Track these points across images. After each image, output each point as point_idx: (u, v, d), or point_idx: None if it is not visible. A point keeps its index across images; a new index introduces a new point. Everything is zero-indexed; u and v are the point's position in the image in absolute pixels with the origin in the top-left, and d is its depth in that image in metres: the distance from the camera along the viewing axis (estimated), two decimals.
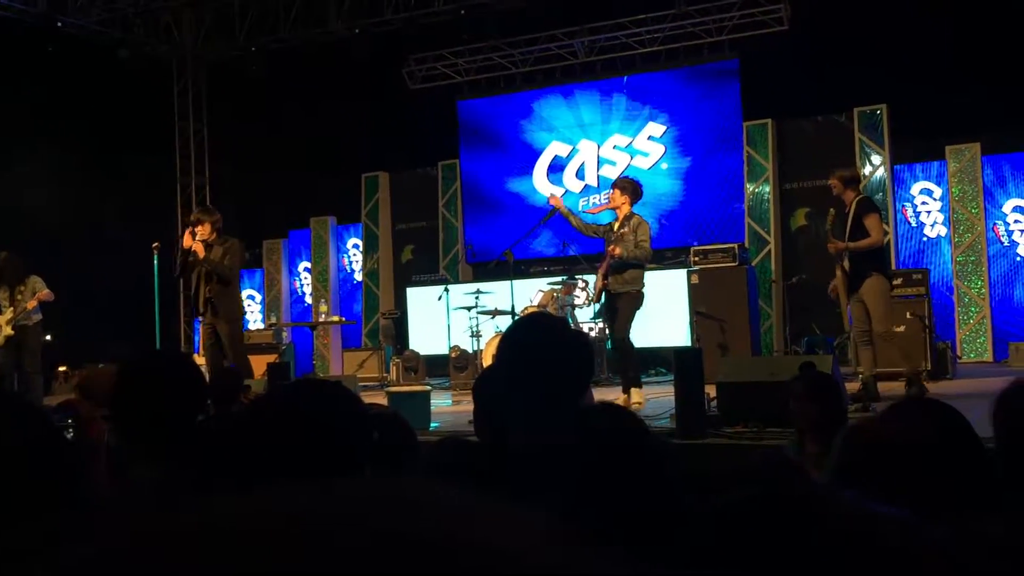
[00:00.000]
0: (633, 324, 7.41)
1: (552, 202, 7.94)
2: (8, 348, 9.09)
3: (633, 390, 7.38)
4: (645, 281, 7.46)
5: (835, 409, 4.07)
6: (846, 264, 6.89)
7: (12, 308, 9.05)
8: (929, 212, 11.52)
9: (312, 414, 1.70)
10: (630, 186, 7.52)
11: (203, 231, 7.74)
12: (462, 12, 12.86)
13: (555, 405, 1.82)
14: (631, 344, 7.44)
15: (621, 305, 7.34)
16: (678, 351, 6.38)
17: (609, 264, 7.29)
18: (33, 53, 12.80)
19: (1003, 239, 11.05)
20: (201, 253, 7.67)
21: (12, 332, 9.05)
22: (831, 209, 7.24)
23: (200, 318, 8.04)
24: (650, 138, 12.86)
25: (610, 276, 7.32)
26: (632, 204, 7.43)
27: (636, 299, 7.38)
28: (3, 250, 9.25)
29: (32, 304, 9.05)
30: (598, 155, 13.16)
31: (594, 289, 7.60)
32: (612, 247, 7.30)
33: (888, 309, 7.05)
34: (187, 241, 7.72)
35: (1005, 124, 10.70)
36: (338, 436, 1.73)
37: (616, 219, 7.50)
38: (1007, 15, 10.26)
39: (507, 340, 2.00)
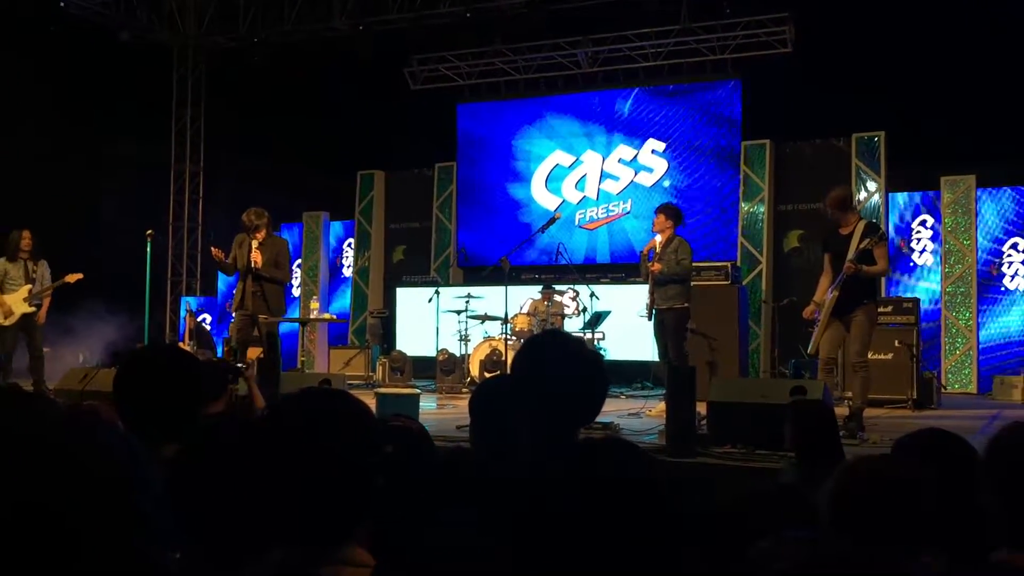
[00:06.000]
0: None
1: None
2: (16, 327, 9.07)
3: None
4: (689, 296, 8.10)
5: (827, 435, 4.10)
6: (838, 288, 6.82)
7: (30, 285, 9.07)
8: (920, 239, 11.57)
9: (322, 428, 1.69)
10: (673, 212, 8.19)
11: (261, 236, 7.86)
12: (467, 15, 12.85)
13: (566, 427, 1.81)
14: (686, 363, 7.77)
15: (668, 323, 7.95)
16: (672, 368, 6.37)
17: (654, 280, 7.93)
18: (34, 32, 12.70)
19: (995, 272, 11.10)
20: (259, 262, 7.78)
21: (32, 309, 9.08)
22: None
23: (237, 311, 8.10)
24: (653, 152, 12.89)
25: (656, 292, 7.95)
26: (675, 228, 8.08)
27: (681, 315, 7.98)
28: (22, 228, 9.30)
29: (50, 286, 9.16)
30: (602, 168, 13.17)
31: (646, 307, 8.17)
32: (653, 264, 7.88)
33: (871, 339, 7.05)
34: (255, 256, 7.81)
35: (1001, 158, 10.76)
36: (346, 449, 1.71)
37: (660, 241, 8.09)
38: (1008, 52, 10.33)
39: (522, 357, 1.98)
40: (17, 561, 0.88)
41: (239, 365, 5.97)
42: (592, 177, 13.22)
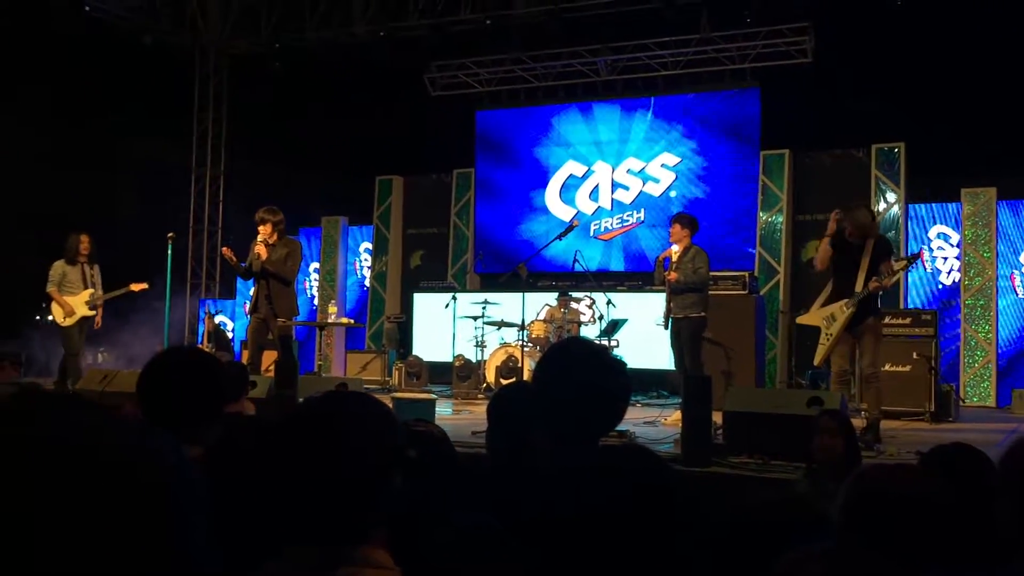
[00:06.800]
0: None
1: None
2: (75, 328, 9.20)
3: None
4: (706, 306, 8.07)
5: (856, 446, 4.08)
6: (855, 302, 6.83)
7: (92, 289, 9.21)
8: (946, 259, 11.47)
9: (342, 427, 1.71)
10: (689, 220, 8.20)
11: (265, 231, 7.90)
12: (487, 22, 12.90)
13: (587, 434, 1.82)
14: (702, 372, 7.76)
15: (684, 332, 7.96)
16: (688, 377, 6.37)
17: (671, 289, 7.95)
18: (57, 36, 12.81)
19: (1019, 290, 11.00)
20: (263, 255, 7.81)
21: (92, 312, 9.22)
22: (835, 214, 7.12)
23: (252, 314, 8.15)
24: (663, 166, 12.88)
25: (673, 301, 7.98)
26: (691, 237, 8.08)
27: (698, 324, 7.96)
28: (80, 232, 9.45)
29: (114, 294, 9.33)
30: (612, 179, 13.17)
31: (663, 315, 8.23)
32: (669, 273, 7.90)
33: (880, 350, 7.10)
34: (259, 249, 7.85)
35: (1022, 171, 10.70)
36: (366, 450, 1.73)
37: (677, 250, 8.11)
38: None
39: (546, 362, 1.99)
40: (57, 560, 0.89)
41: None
42: (604, 187, 13.23)
